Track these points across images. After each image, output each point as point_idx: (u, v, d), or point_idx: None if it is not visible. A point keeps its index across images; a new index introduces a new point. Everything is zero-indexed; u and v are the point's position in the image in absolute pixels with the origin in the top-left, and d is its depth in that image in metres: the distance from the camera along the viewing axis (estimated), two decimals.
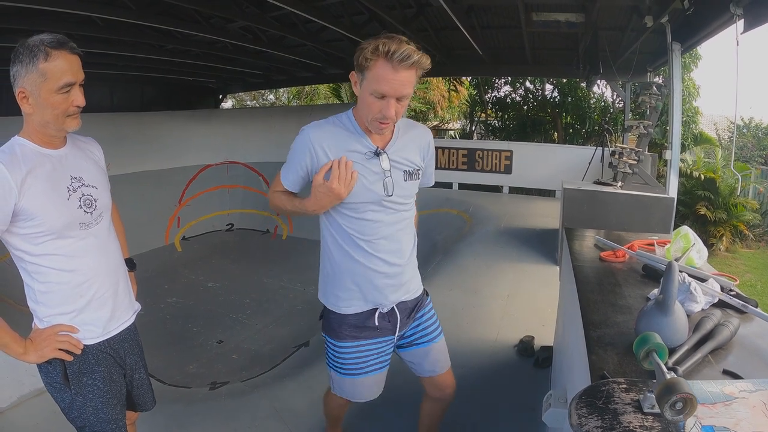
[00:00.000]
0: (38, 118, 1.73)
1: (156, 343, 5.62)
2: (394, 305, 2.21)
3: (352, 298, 2.17)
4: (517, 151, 10.65)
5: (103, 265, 1.93)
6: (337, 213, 2.07)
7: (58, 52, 1.68)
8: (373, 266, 2.10)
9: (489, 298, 5.21)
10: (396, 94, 1.83)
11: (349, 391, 2.35)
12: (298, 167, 2.03)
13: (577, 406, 1.19)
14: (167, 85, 13.86)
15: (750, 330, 1.65)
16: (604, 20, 6.98)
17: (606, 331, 1.63)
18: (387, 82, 1.81)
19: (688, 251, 2.24)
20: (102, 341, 1.94)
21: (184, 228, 10.69)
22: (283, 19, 7.76)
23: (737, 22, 4.16)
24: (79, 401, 1.89)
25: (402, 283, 2.21)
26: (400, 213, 2.13)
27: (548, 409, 1.91)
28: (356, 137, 2.01)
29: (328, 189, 1.91)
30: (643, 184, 6.03)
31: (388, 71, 1.80)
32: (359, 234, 2.07)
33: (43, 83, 1.67)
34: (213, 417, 3.56)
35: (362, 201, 2.02)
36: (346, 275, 2.16)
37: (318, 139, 1.97)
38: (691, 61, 13.30)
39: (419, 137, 2.17)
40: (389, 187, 2.04)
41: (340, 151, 1.96)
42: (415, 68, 1.83)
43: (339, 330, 2.23)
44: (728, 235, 11.87)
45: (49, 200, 1.74)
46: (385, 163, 2.02)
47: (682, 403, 1.05)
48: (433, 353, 2.39)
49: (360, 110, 1.96)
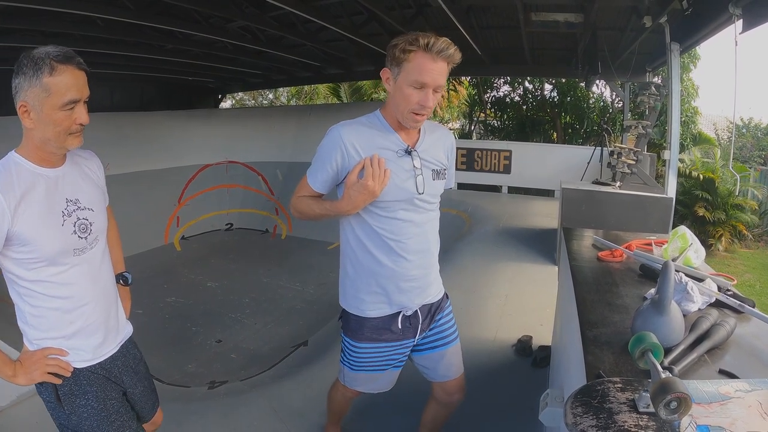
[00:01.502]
0: (39, 135, 1.66)
1: (155, 342, 5.62)
2: (417, 308, 2.22)
3: (377, 301, 2.16)
4: (516, 151, 10.65)
5: (96, 292, 1.90)
6: (368, 213, 2.05)
7: (64, 66, 1.60)
8: (400, 268, 2.10)
9: (487, 297, 5.21)
10: (435, 84, 1.88)
11: (362, 383, 2.36)
12: (328, 166, 2.01)
13: (573, 405, 1.19)
14: (167, 85, 13.86)
15: (747, 330, 1.65)
16: (603, 20, 6.97)
17: (602, 331, 1.63)
18: (428, 72, 1.86)
19: (686, 251, 2.24)
20: (93, 365, 1.90)
21: (183, 227, 10.69)
22: (282, 18, 7.76)
23: (736, 22, 4.16)
24: (74, 420, 1.86)
25: (427, 285, 2.22)
26: (428, 213, 2.14)
27: (545, 408, 1.91)
28: (387, 135, 2.02)
29: (363, 187, 1.90)
30: (642, 184, 6.03)
31: (428, 61, 1.85)
32: (390, 234, 2.07)
33: (46, 99, 1.59)
34: (211, 416, 3.55)
35: (394, 199, 2.02)
36: (371, 278, 2.14)
37: (349, 137, 1.97)
38: (690, 61, 13.29)
39: (444, 138, 2.20)
40: (420, 185, 2.05)
41: (372, 149, 1.97)
42: (448, 61, 1.89)
43: (359, 332, 2.22)
44: (727, 235, 11.87)
45: (43, 226, 1.68)
46: (416, 161, 2.04)
47: (677, 403, 1.05)
48: (447, 357, 2.38)
49: (395, 104, 1.97)
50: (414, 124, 1.98)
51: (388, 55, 1.93)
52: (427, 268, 2.20)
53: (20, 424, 3.18)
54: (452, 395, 2.48)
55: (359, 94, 18.68)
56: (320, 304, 7.09)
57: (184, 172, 11.15)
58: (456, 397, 2.50)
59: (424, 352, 2.36)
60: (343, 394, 2.55)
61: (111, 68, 10.00)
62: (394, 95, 1.95)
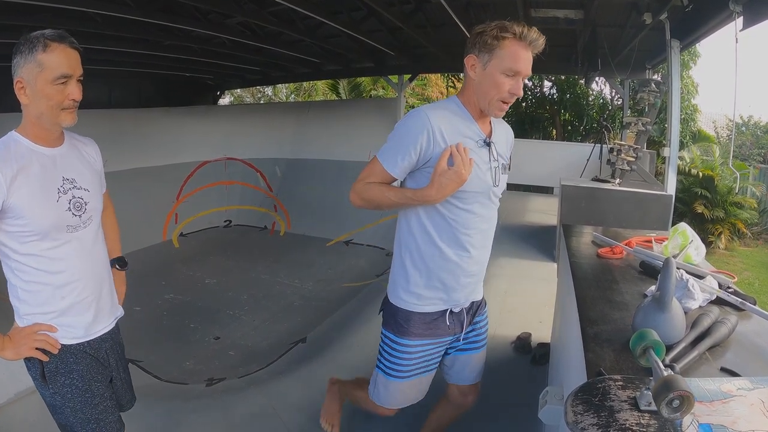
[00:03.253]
0: (34, 110, 1.74)
1: (153, 339, 5.61)
2: (465, 306, 2.20)
3: (434, 297, 2.11)
4: (516, 147, 10.47)
5: (88, 269, 1.93)
6: (444, 204, 1.98)
7: (56, 44, 1.70)
8: (463, 262, 2.07)
9: (486, 294, 5.15)
10: (527, 72, 1.90)
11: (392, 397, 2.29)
12: (412, 151, 1.91)
13: (573, 403, 1.18)
14: (165, 82, 13.82)
15: (748, 327, 1.64)
16: (603, 17, 6.95)
17: (603, 328, 1.62)
18: (522, 60, 1.87)
19: (686, 248, 2.24)
20: (81, 342, 1.94)
21: (181, 224, 10.66)
22: (281, 14, 7.73)
23: (736, 19, 4.15)
24: (58, 400, 1.89)
25: (478, 281, 2.22)
26: (495, 208, 2.14)
27: (544, 406, 1.90)
28: (469, 124, 1.99)
29: (457, 175, 1.86)
30: (641, 181, 6.02)
31: (521, 49, 1.87)
32: (461, 227, 2.02)
33: (39, 73, 1.68)
34: (209, 413, 3.55)
35: (474, 190, 1.98)
36: (431, 273, 2.08)
37: (437, 122, 1.91)
38: (690, 58, 13.32)
39: (507, 132, 2.22)
40: (496, 177, 2.04)
41: (456, 137, 1.93)
42: (535, 51, 1.92)
43: (407, 326, 2.13)
44: (726, 233, 11.91)
45: (37, 201, 1.74)
46: (493, 152, 2.03)
47: (679, 401, 1.05)
48: (473, 362, 2.37)
49: (483, 91, 1.93)
50: (499, 113, 1.96)
51: (476, 42, 1.91)
52: (484, 264, 2.19)
53: (18, 422, 3.18)
54: (467, 396, 2.46)
55: (358, 90, 18.70)
56: (319, 300, 7.07)
57: (183, 169, 11.11)
58: (470, 398, 2.48)
59: (454, 353, 2.32)
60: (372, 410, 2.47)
61: (109, 65, 9.94)
62: (483, 83, 1.92)
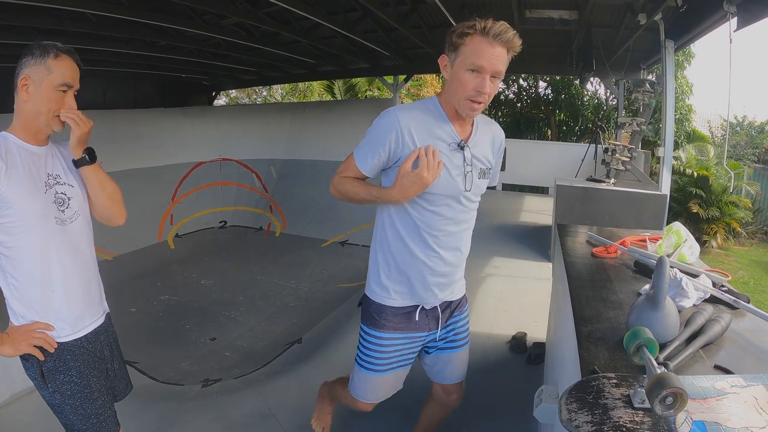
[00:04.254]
0: (32, 108, 1.85)
1: (148, 340, 5.60)
2: (437, 304, 2.19)
3: (401, 291, 2.13)
4: (511, 148, 10.55)
5: (77, 263, 1.99)
6: (412, 203, 2.00)
7: (66, 56, 1.86)
8: (431, 263, 2.06)
9: (482, 294, 5.21)
10: (492, 69, 1.83)
11: (371, 390, 2.32)
12: (380, 149, 1.94)
13: (567, 401, 1.19)
14: (161, 83, 13.81)
15: (742, 326, 1.65)
16: (598, 18, 6.98)
17: (597, 327, 1.62)
18: (484, 55, 1.81)
19: (680, 247, 2.25)
20: (78, 338, 1.99)
21: (177, 225, 10.64)
22: (276, 15, 7.74)
23: (730, 19, 4.17)
24: (58, 399, 1.94)
25: (451, 282, 2.19)
26: (470, 212, 2.11)
27: (539, 404, 1.91)
28: (442, 125, 1.97)
29: (418, 177, 1.86)
30: (636, 180, 6.05)
31: (485, 45, 1.81)
32: (428, 228, 2.03)
33: (47, 76, 1.82)
34: (205, 414, 3.55)
35: (442, 193, 1.98)
36: (399, 269, 2.11)
37: (406, 122, 1.91)
38: (684, 59, 13.35)
39: (495, 135, 2.15)
40: (468, 182, 2.01)
41: (427, 138, 1.92)
42: (507, 47, 1.84)
43: (379, 319, 2.17)
44: (721, 232, 11.94)
45: (26, 191, 1.82)
46: (467, 156, 1.99)
47: (673, 398, 1.05)
48: (455, 361, 2.36)
49: (452, 91, 1.91)
50: (470, 113, 1.91)
51: (446, 42, 1.90)
52: (456, 266, 2.16)
53: (14, 423, 3.17)
54: (450, 395, 2.47)
55: (353, 91, 18.70)
56: (314, 301, 7.07)
57: (178, 170, 11.09)
58: (453, 397, 2.48)
59: (435, 352, 2.33)
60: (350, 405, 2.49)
61: (104, 65, 9.95)
62: (451, 82, 1.90)
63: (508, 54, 1.87)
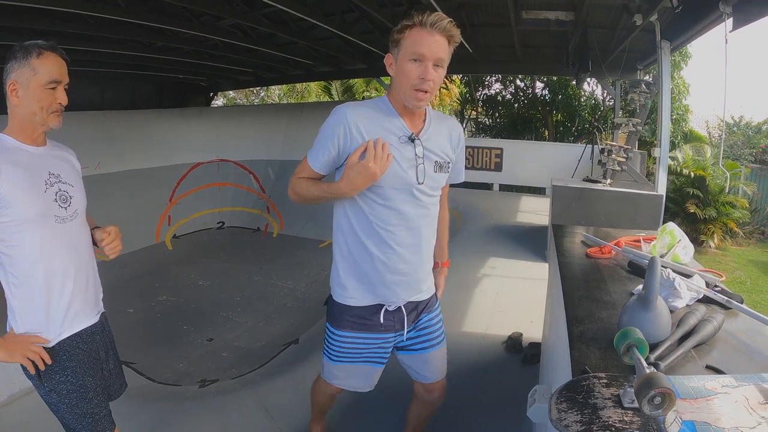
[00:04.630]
0: (25, 110, 1.86)
1: (146, 341, 5.61)
2: (401, 304, 2.17)
3: (361, 290, 2.13)
4: (508, 148, 10.70)
5: (75, 262, 1.99)
6: (364, 199, 2.01)
7: (49, 53, 1.86)
8: (387, 260, 2.05)
9: (478, 294, 5.22)
10: (433, 56, 1.86)
11: (341, 378, 2.32)
12: (330, 146, 1.96)
13: (558, 400, 1.19)
14: (158, 84, 13.81)
15: (734, 326, 1.65)
16: (594, 18, 6.99)
17: (589, 327, 1.63)
18: (425, 43, 1.84)
19: (674, 248, 2.25)
20: (72, 335, 1.99)
21: (174, 226, 10.64)
22: (273, 16, 7.74)
23: (726, 20, 4.18)
24: (54, 398, 1.95)
25: (415, 281, 2.16)
26: (426, 207, 2.09)
27: (533, 404, 1.91)
28: (391, 119, 1.98)
29: (364, 168, 1.86)
30: (632, 181, 6.05)
31: (424, 34, 1.85)
32: (382, 223, 2.02)
33: (33, 77, 1.83)
34: (202, 414, 3.55)
35: (392, 187, 1.98)
36: (357, 266, 2.10)
37: (354, 117, 1.93)
38: (681, 59, 13.36)
39: (451, 129, 2.15)
40: (421, 175, 2.01)
41: (376, 132, 1.93)
42: (446, 35, 1.88)
43: (341, 319, 2.18)
44: (719, 232, 11.96)
45: (25, 190, 1.82)
46: (419, 149, 2.00)
47: (661, 398, 1.05)
48: (432, 360, 2.36)
49: (398, 85, 1.94)
50: (417, 103, 1.91)
51: (389, 42, 1.94)
52: (417, 264, 2.13)
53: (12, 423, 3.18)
54: (431, 393, 2.46)
55: (351, 92, 18.70)
56: (311, 302, 7.07)
57: (176, 171, 11.10)
58: (435, 395, 2.47)
59: (409, 352, 2.33)
60: (323, 390, 2.53)
61: (101, 66, 9.93)
62: (397, 76, 1.92)
63: (450, 44, 1.91)
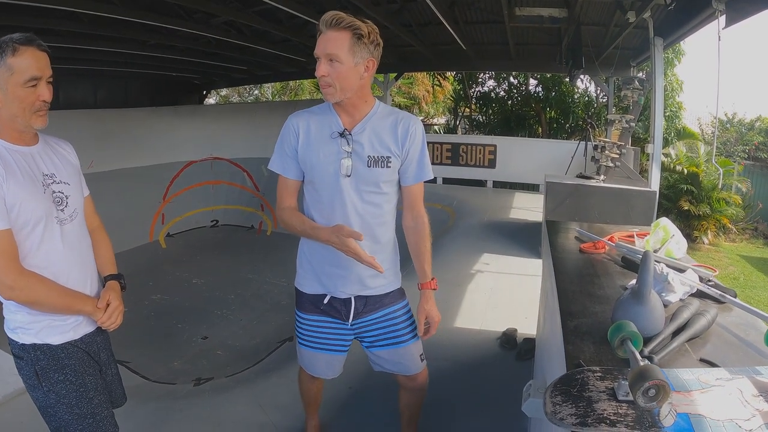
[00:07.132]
0: (6, 112, 1.77)
1: (141, 339, 5.60)
2: (351, 297, 2.23)
3: (308, 278, 2.26)
4: (501, 145, 10.72)
5: (76, 264, 1.95)
6: (307, 190, 2.17)
7: (25, 48, 1.73)
8: (326, 252, 2.09)
9: (472, 291, 5.23)
10: (322, 53, 1.94)
11: (308, 362, 2.46)
12: (285, 147, 2.12)
13: (552, 394, 1.20)
14: (151, 82, 13.77)
15: (728, 320, 1.66)
16: (587, 15, 7.01)
17: (583, 321, 1.63)
18: (317, 45, 1.95)
19: (667, 242, 2.25)
20: (73, 339, 1.94)
21: (168, 225, 10.62)
22: (266, 14, 7.72)
23: (719, 17, 4.19)
24: (52, 399, 1.88)
25: (355, 276, 2.18)
26: (366, 202, 2.11)
27: (528, 399, 1.91)
28: (328, 118, 2.09)
29: (343, 244, 1.93)
30: (626, 177, 6.07)
31: (320, 38, 1.95)
32: (318, 215, 2.14)
33: (10, 77, 1.72)
34: (197, 412, 3.54)
35: (321, 180, 2.09)
36: (306, 257, 2.26)
37: (296, 121, 2.11)
38: (674, 56, 13.40)
39: (397, 123, 2.12)
40: (346, 168, 2.05)
41: (311, 130, 2.09)
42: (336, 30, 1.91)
43: (300, 302, 2.33)
44: (712, 228, 12.01)
45: (26, 190, 1.77)
46: (348, 144, 2.05)
47: (655, 390, 1.06)
48: (400, 356, 2.36)
49: None
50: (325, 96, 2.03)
51: None
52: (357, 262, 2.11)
53: (7, 424, 3.16)
54: (415, 380, 2.47)
55: None
56: None
57: (169, 169, 11.06)
58: (419, 381, 2.48)
59: (374, 349, 2.36)
60: (303, 379, 2.65)
61: (95, 65, 9.91)
62: None
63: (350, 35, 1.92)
